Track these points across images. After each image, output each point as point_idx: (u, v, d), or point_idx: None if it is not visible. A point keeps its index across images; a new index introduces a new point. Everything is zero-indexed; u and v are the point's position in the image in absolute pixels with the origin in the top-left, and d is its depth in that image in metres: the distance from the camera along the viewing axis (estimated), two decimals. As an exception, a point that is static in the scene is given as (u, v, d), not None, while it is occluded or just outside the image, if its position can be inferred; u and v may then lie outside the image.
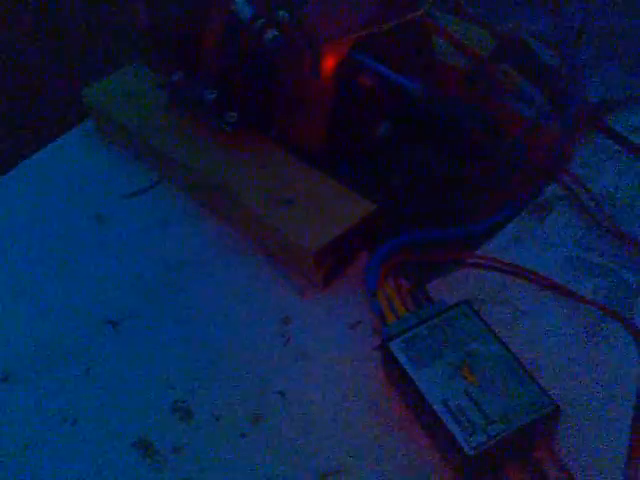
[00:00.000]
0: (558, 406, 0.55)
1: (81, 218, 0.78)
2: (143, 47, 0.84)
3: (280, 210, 0.71)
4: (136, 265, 0.73)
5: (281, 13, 0.69)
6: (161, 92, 0.80)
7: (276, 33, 0.69)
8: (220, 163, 0.76)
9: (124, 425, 0.62)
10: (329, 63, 0.69)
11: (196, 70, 0.77)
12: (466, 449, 0.53)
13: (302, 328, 0.67)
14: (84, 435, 0.62)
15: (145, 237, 0.75)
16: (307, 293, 0.69)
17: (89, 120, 0.88)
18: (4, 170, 0.84)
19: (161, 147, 0.79)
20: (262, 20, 0.69)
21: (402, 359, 0.58)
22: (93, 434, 0.62)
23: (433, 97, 0.70)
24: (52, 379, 0.66)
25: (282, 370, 0.64)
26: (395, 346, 0.59)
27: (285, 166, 0.74)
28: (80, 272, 0.73)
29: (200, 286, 0.71)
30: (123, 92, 0.84)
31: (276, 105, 0.74)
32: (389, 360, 0.59)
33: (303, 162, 0.74)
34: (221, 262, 0.72)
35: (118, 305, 0.70)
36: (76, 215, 0.78)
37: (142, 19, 0.81)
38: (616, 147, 0.75)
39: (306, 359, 0.64)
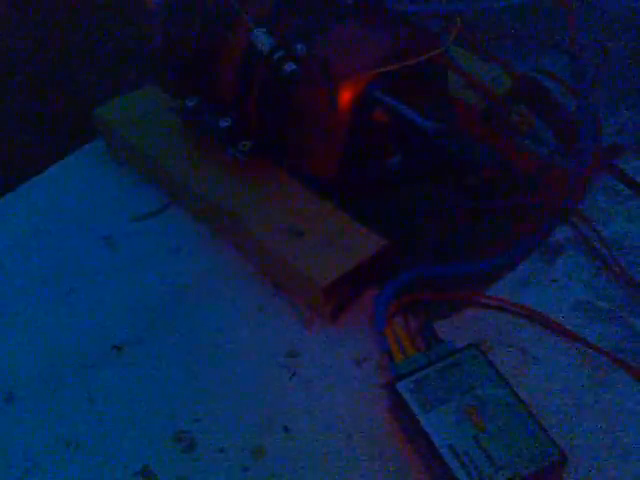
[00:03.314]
0: (565, 455, 0.55)
1: (89, 239, 0.78)
2: (157, 70, 0.84)
3: (290, 242, 0.71)
4: (143, 289, 0.73)
5: (299, 46, 0.69)
6: (174, 115, 0.80)
7: (294, 66, 0.69)
8: (231, 191, 0.75)
9: (127, 453, 0.62)
10: (345, 98, 0.69)
11: (211, 97, 0.76)
12: (472, 496, 0.53)
13: (308, 362, 0.66)
14: (86, 461, 0.62)
15: (153, 261, 0.75)
16: (314, 326, 0.69)
17: (99, 139, 0.87)
18: (12, 187, 0.84)
19: (172, 171, 0.79)
20: (281, 52, 0.69)
21: (410, 401, 0.58)
22: (95, 460, 0.62)
23: (446, 135, 0.69)
24: (55, 402, 0.66)
25: (287, 404, 0.64)
26: (403, 387, 0.59)
27: (297, 197, 0.74)
28: (87, 294, 0.73)
29: (206, 314, 0.71)
30: (136, 113, 0.84)
31: (290, 135, 0.74)
32: (397, 401, 0.59)
33: (315, 194, 0.74)
34: (229, 290, 0.72)
35: (123, 329, 0.70)
36: (84, 236, 0.78)
37: (157, 42, 0.81)
38: (627, 191, 0.75)
39: (311, 394, 0.64)
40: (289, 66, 0.69)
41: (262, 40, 0.70)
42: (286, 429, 0.62)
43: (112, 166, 0.85)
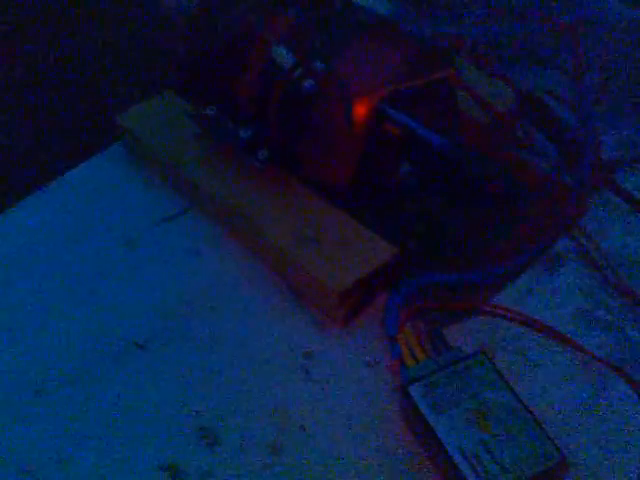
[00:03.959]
0: (566, 458, 0.59)
1: (111, 240, 0.81)
2: (179, 78, 0.88)
3: (306, 248, 0.74)
4: (164, 290, 0.77)
5: (318, 64, 0.73)
6: (194, 122, 0.84)
7: (313, 83, 0.73)
8: (249, 197, 0.79)
9: (152, 446, 0.66)
10: (360, 113, 0.73)
11: (231, 107, 0.80)
12: (479, 495, 0.57)
13: (323, 364, 0.70)
14: (113, 454, 0.66)
15: (173, 263, 0.79)
16: (328, 329, 0.73)
17: (119, 143, 0.91)
18: (33, 189, 0.87)
19: (192, 176, 0.82)
20: (300, 70, 0.73)
21: (421, 404, 0.62)
22: (122, 453, 0.66)
23: (455, 150, 0.73)
24: (83, 396, 0.69)
25: (303, 404, 0.68)
26: (414, 391, 0.63)
27: (312, 205, 0.78)
28: (110, 293, 0.77)
29: (225, 315, 0.74)
30: (157, 119, 0.87)
31: (306, 146, 0.77)
32: (408, 403, 0.63)
33: (328, 202, 0.78)
34: (246, 292, 0.76)
35: (145, 328, 0.74)
36: (106, 237, 0.82)
37: (180, 50, 0.84)
38: (625, 206, 0.80)
39: (326, 394, 0.68)
40: (308, 83, 0.73)
41: (283, 57, 0.74)
42: (303, 428, 0.66)
43: (132, 170, 0.88)
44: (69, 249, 0.81)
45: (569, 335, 0.70)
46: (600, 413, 0.65)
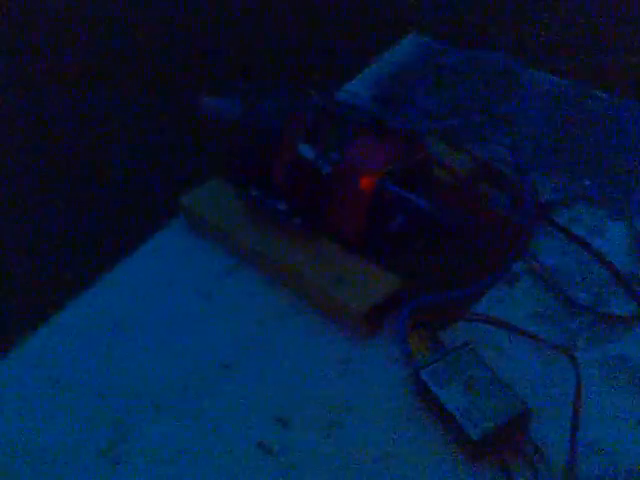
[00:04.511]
0: (530, 408, 0.89)
1: (189, 293, 1.11)
2: (225, 168, 1.18)
3: (336, 284, 1.04)
4: (236, 324, 1.06)
5: (334, 155, 1.04)
6: (240, 200, 1.14)
7: (330, 169, 1.04)
8: (289, 251, 1.09)
9: (247, 433, 0.94)
10: (365, 187, 1.03)
11: (269, 187, 1.11)
12: (473, 436, 0.87)
13: (357, 364, 1.00)
14: (220, 440, 0.94)
15: (239, 305, 1.08)
16: (359, 341, 1.02)
17: (180, 217, 1.21)
18: (115, 260, 1.16)
19: (243, 240, 1.12)
20: (321, 160, 1.04)
21: (429, 382, 0.92)
22: (226, 437, 0.94)
23: (434, 209, 1.04)
24: (190, 404, 0.98)
25: (347, 391, 0.97)
26: (424, 374, 0.93)
27: (336, 254, 1.08)
28: (201, 330, 1.06)
29: (283, 339, 1.03)
30: (213, 198, 1.17)
31: (328, 211, 1.08)
32: (420, 384, 0.93)
33: (347, 251, 1.08)
34: (295, 323, 1.05)
35: (226, 354, 1.03)
36: (185, 291, 1.11)
37: (223, 147, 1.15)
38: (559, 235, 1.11)
39: (363, 385, 0.98)
40: (327, 169, 1.04)
41: (307, 152, 1.05)
42: (349, 408, 0.96)
43: (193, 237, 1.17)
44: (160, 302, 1.10)
45: (527, 329, 1.01)
46: (551, 380, 0.95)
